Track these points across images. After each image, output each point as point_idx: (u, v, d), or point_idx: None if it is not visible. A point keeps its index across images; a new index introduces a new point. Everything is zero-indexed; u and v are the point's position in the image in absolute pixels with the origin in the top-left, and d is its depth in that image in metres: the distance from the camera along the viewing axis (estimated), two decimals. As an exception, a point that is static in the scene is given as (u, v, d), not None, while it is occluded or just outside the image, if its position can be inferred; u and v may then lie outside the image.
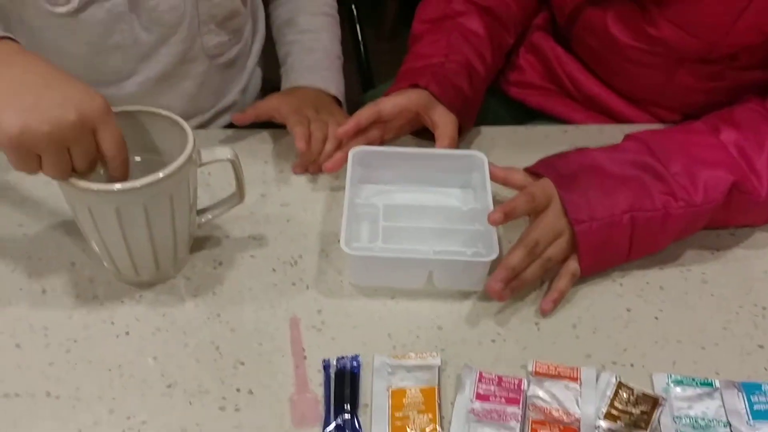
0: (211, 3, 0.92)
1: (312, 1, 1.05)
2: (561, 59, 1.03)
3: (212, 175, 0.86)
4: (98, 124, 0.62)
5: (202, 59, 0.97)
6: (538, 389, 0.66)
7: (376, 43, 1.54)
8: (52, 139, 0.59)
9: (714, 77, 0.92)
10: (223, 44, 0.98)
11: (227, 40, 0.99)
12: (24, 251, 0.77)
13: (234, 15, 0.97)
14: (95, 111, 0.61)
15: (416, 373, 0.66)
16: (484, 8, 0.98)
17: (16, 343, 0.69)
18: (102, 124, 0.62)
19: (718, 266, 0.79)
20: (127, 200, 0.65)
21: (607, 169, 0.76)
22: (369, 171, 0.84)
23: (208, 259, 0.77)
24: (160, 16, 0.88)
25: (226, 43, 0.99)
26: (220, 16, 0.95)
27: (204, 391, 0.65)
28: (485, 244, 0.75)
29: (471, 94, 0.91)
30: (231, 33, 0.99)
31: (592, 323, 0.73)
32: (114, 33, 0.87)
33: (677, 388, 0.66)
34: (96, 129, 0.62)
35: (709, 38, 0.86)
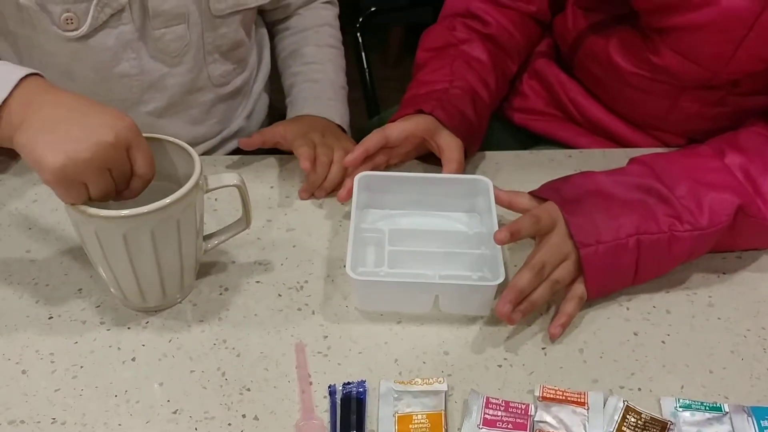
0: (217, 33, 0.94)
1: (317, 33, 1.07)
2: (564, 85, 1.03)
3: (219, 200, 0.87)
4: (132, 142, 0.64)
5: (208, 88, 0.98)
6: (546, 414, 0.65)
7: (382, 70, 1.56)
8: (94, 164, 0.61)
9: (717, 103, 0.93)
10: (229, 73, 1.00)
11: (232, 69, 1.00)
12: (31, 277, 0.78)
13: (238, 45, 0.99)
14: (129, 131, 0.63)
15: (423, 398, 0.66)
16: (487, 36, 0.99)
17: (23, 369, 0.69)
18: (135, 142, 0.64)
19: (724, 289, 0.78)
20: (134, 226, 0.65)
21: (612, 192, 0.76)
22: (375, 196, 0.84)
23: (214, 285, 0.78)
24: (166, 45, 0.90)
25: (231, 72, 1.00)
26: (225, 47, 0.96)
27: (210, 418, 0.65)
28: (491, 269, 0.75)
29: (475, 120, 0.91)
30: (236, 62, 1.00)
31: (599, 347, 0.72)
32: (122, 61, 0.89)
33: (686, 413, 0.66)
34: (130, 148, 0.64)
35: (710, 66, 0.87)
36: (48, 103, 0.64)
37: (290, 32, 1.08)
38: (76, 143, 0.61)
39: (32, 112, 0.62)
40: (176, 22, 0.89)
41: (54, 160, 0.60)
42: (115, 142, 0.62)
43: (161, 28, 0.88)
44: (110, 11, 0.84)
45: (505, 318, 0.70)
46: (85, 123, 0.62)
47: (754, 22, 0.80)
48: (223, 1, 0.92)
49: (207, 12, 0.91)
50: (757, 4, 0.79)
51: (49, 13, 0.82)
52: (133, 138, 0.64)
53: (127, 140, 0.63)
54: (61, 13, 0.82)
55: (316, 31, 1.07)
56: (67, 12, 0.82)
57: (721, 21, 0.81)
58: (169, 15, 0.88)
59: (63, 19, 0.82)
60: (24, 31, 0.86)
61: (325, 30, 1.08)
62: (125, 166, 0.64)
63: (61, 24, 0.83)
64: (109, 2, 0.83)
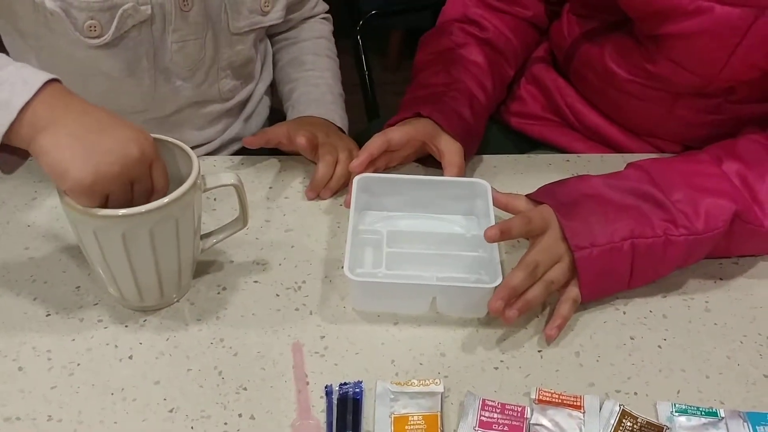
0: (232, 51, 0.96)
1: (316, 44, 1.09)
2: (562, 90, 1.04)
3: (217, 200, 0.87)
4: (154, 158, 0.66)
5: (216, 101, 1.00)
6: (542, 417, 0.65)
7: (382, 74, 1.56)
8: (120, 178, 0.63)
9: (712, 111, 0.93)
10: (236, 88, 1.02)
11: (240, 84, 1.03)
12: (29, 274, 0.78)
13: (249, 61, 1.01)
14: (151, 146, 0.65)
15: (419, 399, 0.66)
16: (484, 41, 1.00)
17: (19, 366, 0.69)
18: (156, 158, 0.66)
19: (721, 295, 0.79)
20: (132, 225, 0.65)
21: (607, 196, 0.76)
22: (373, 197, 0.84)
23: (211, 284, 0.78)
24: (182, 59, 0.91)
25: (239, 86, 1.03)
26: (237, 63, 0.99)
27: (206, 416, 0.65)
28: (488, 271, 0.75)
29: (473, 122, 0.92)
30: (244, 78, 1.03)
31: (596, 351, 0.72)
32: (136, 71, 0.89)
33: (681, 418, 0.66)
34: (152, 163, 0.66)
35: (704, 73, 0.87)
36: (75, 110, 0.64)
37: (289, 42, 1.11)
38: (105, 156, 0.61)
39: (59, 116, 0.62)
40: (194, 37, 0.90)
41: (82, 171, 0.60)
42: (141, 157, 0.63)
43: (179, 42, 0.89)
44: (133, 22, 0.85)
45: (497, 314, 0.71)
46: (112, 136, 0.63)
47: (747, 30, 0.81)
48: (243, 20, 0.94)
49: (226, 30, 0.93)
50: (749, 13, 0.80)
51: (74, 20, 0.83)
52: (155, 154, 0.66)
53: (150, 156, 0.65)
54: (85, 20, 0.83)
55: (314, 42, 1.10)
56: (91, 20, 0.83)
57: (714, 29, 0.82)
58: (189, 30, 0.89)
59: (87, 26, 0.83)
60: (37, 33, 0.86)
61: (322, 42, 1.11)
62: (147, 181, 0.66)
63: (84, 31, 0.83)
64: (133, 13, 0.84)
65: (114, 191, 0.63)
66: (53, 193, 0.64)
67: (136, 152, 0.63)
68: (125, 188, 0.64)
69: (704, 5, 0.81)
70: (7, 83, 0.62)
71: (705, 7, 0.81)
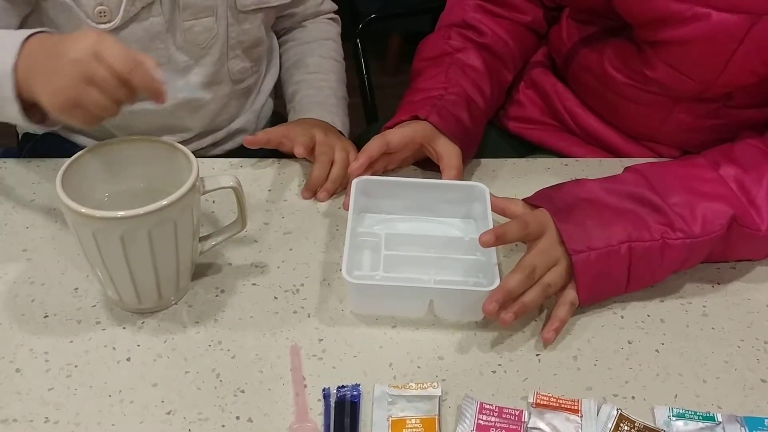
0: (241, 28, 0.97)
1: (322, 45, 1.09)
2: (561, 95, 1.04)
3: (216, 202, 0.87)
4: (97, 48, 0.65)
5: (226, 83, 1.01)
6: (539, 421, 0.65)
7: (380, 78, 1.56)
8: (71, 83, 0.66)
9: (710, 116, 0.93)
10: (246, 70, 1.03)
11: (249, 67, 1.03)
12: (27, 276, 0.78)
13: (258, 43, 1.02)
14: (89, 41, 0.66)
15: (417, 403, 0.66)
16: (482, 45, 1.00)
17: (17, 368, 0.69)
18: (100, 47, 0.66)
19: (719, 299, 0.79)
20: (131, 227, 0.65)
21: (604, 200, 0.76)
22: (371, 200, 0.84)
23: (210, 287, 0.78)
24: (194, 36, 0.92)
25: (248, 69, 1.03)
26: (247, 43, 0.99)
27: (204, 419, 0.65)
28: (486, 275, 0.75)
29: (471, 125, 0.92)
30: (253, 61, 1.03)
31: (593, 355, 0.72)
32: (149, 51, 0.90)
33: (679, 422, 0.66)
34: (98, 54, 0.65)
35: (702, 79, 0.88)
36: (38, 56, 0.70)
37: (295, 43, 1.11)
38: (52, 75, 0.67)
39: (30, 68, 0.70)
40: (205, 15, 0.92)
41: (44, 94, 0.68)
42: (78, 57, 0.65)
43: (190, 20, 0.91)
44: (141, 4, 0.86)
45: (491, 316, 0.71)
46: (56, 57, 0.67)
47: (744, 36, 0.81)
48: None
49: (233, 6, 0.94)
50: (746, 20, 0.80)
51: (83, 6, 0.85)
52: (96, 44, 0.66)
53: (89, 49, 0.65)
54: (94, 6, 0.85)
55: (321, 43, 1.10)
56: (100, 5, 0.85)
57: (712, 35, 0.82)
58: (199, 7, 0.91)
59: (96, 12, 0.85)
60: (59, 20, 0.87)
61: (328, 44, 1.11)
62: (100, 72, 0.65)
63: (95, 17, 0.85)
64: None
65: (79, 98, 0.66)
66: (52, 194, 0.64)
67: (72, 55, 0.66)
68: (87, 90, 0.66)
69: (701, 12, 0.81)
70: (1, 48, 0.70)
71: (702, 13, 0.81)
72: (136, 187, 0.74)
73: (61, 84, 0.66)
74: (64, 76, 0.66)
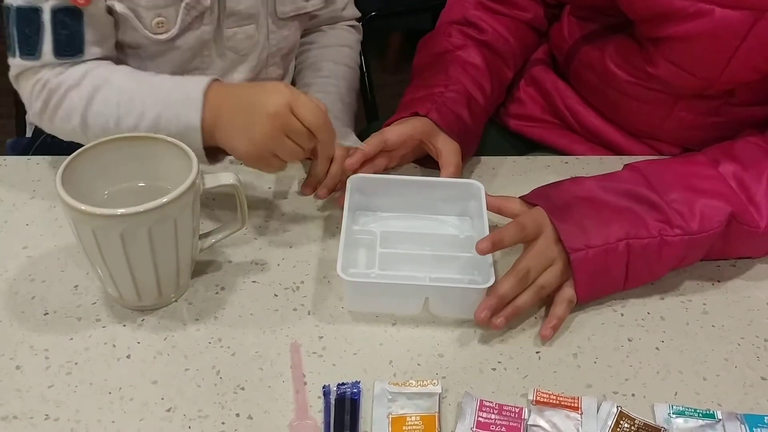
0: (280, 35, 0.98)
1: (338, 51, 1.09)
2: (561, 92, 1.04)
3: (216, 200, 0.87)
4: (291, 102, 0.74)
5: None
6: (539, 418, 0.65)
7: (381, 76, 1.56)
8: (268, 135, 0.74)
9: (711, 113, 0.93)
10: (278, 78, 1.04)
11: (281, 75, 1.05)
12: (27, 273, 0.78)
13: (292, 50, 1.04)
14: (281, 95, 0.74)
15: (417, 400, 0.66)
16: (482, 42, 1.00)
17: (17, 365, 0.69)
18: (293, 101, 0.74)
19: (719, 297, 0.79)
20: (131, 225, 0.65)
21: (601, 198, 0.76)
22: (367, 198, 0.84)
23: (210, 284, 0.78)
24: (236, 44, 0.94)
25: (280, 78, 1.05)
26: (285, 49, 1.01)
27: (204, 416, 0.65)
28: (481, 272, 0.75)
29: (471, 123, 0.92)
30: (284, 68, 1.05)
31: (593, 353, 0.72)
32: (198, 58, 0.93)
33: (679, 419, 0.66)
34: (292, 107, 0.74)
35: (704, 75, 0.87)
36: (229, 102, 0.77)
37: (312, 47, 1.11)
38: (249, 129, 0.75)
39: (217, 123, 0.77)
40: (247, 22, 0.93)
41: (241, 145, 0.76)
42: (277, 110, 0.73)
43: (233, 27, 0.92)
44: (195, 13, 0.88)
45: (483, 324, 0.71)
46: (251, 111, 0.75)
47: (747, 33, 0.81)
48: (288, 4, 0.97)
49: (273, 14, 0.96)
50: (750, 16, 0.80)
51: (142, 19, 0.85)
52: (290, 98, 0.74)
53: (285, 104, 0.73)
54: (152, 18, 0.86)
55: (337, 49, 1.10)
56: (159, 17, 0.86)
57: (714, 32, 0.82)
58: (243, 15, 0.92)
59: (155, 23, 0.86)
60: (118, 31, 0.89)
61: (344, 50, 1.10)
62: (296, 124, 0.74)
63: (153, 28, 0.86)
64: (195, 5, 0.87)
65: (275, 149, 0.75)
66: (52, 191, 0.64)
67: (269, 109, 0.73)
68: (282, 141, 0.74)
69: (704, 8, 0.81)
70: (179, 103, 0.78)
71: (705, 9, 0.81)
72: (136, 185, 0.74)
73: (260, 136, 0.74)
74: (262, 129, 0.74)
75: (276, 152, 0.75)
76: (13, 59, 0.83)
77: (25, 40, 0.81)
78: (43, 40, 0.81)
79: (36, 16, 0.80)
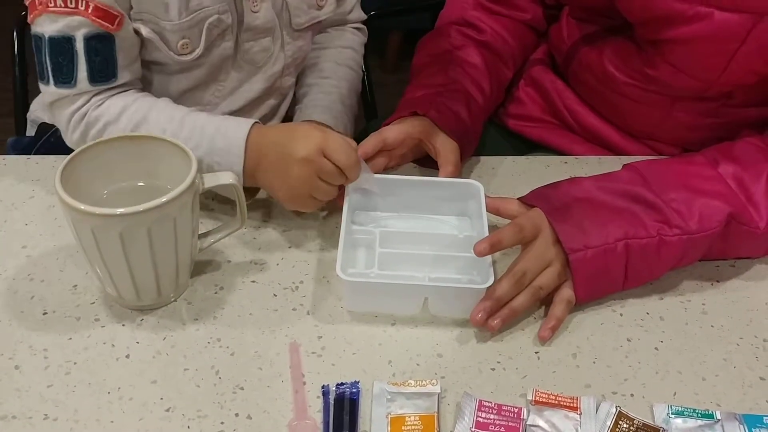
0: (295, 46, 0.99)
1: (340, 53, 1.09)
2: (560, 92, 1.04)
3: (215, 200, 0.87)
4: (322, 146, 0.76)
5: (275, 97, 1.03)
6: (538, 418, 0.65)
7: (380, 75, 1.56)
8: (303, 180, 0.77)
9: (710, 114, 0.93)
10: (291, 86, 1.05)
11: (293, 84, 1.05)
12: (26, 273, 0.78)
13: (306, 59, 1.04)
14: (313, 141, 0.76)
15: (416, 400, 0.66)
16: (481, 43, 1.00)
17: (16, 364, 0.69)
18: (324, 144, 0.76)
19: (718, 297, 0.79)
20: (131, 224, 0.65)
21: (599, 199, 0.76)
22: (366, 198, 0.84)
23: (209, 284, 0.78)
24: (253, 57, 0.94)
25: (292, 85, 1.05)
26: (299, 59, 1.02)
27: (203, 416, 0.65)
28: (480, 272, 0.75)
29: (470, 122, 0.92)
30: (295, 76, 1.05)
31: (592, 353, 0.72)
32: (218, 72, 0.93)
33: (678, 419, 0.66)
34: (324, 150, 0.76)
35: (703, 78, 0.88)
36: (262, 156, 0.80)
37: (316, 47, 1.11)
38: (284, 174, 0.78)
39: (256, 167, 0.80)
40: (264, 36, 0.93)
41: (279, 191, 0.81)
42: (307, 155, 0.76)
43: (250, 41, 0.93)
44: (217, 32, 0.88)
45: (478, 325, 0.71)
46: (285, 157, 0.77)
47: (746, 36, 0.81)
48: (303, 16, 0.97)
49: (288, 26, 0.96)
50: (749, 19, 0.80)
51: (167, 42, 0.86)
52: (321, 143, 0.76)
53: (316, 149, 0.76)
54: (177, 40, 0.86)
55: (339, 51, 1.09)
56: (184, 38, 0.86)
57: (713, 34, 0.82)
58: (260, 29, 0.92)
59: (180, 45, 0.86)
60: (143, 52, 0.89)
61: (347, 52, 1.10)
62: (328, 167, 0.76)
63: (178, 50, 0.87)
64: (217, 24, 0.87)
65: (311, 191, 0.78)
66: (51, 191, 0.64)
67: (302, 154, 0.76)
68: (317, 184, 0.77)
69: (703, 11, 0.81)
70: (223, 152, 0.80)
71: (704, 13, 0.81)
72: (136, 184, 0.74)
73: (295, 181, 0.77)
74: (297, 174, 0.77)
75: (312, 194, 0.79)
76: (47, 87, 0.84)
77: (60, 69, 0.82)
78: (78, 68, 0.81)
79: (69, 45, 0.80)
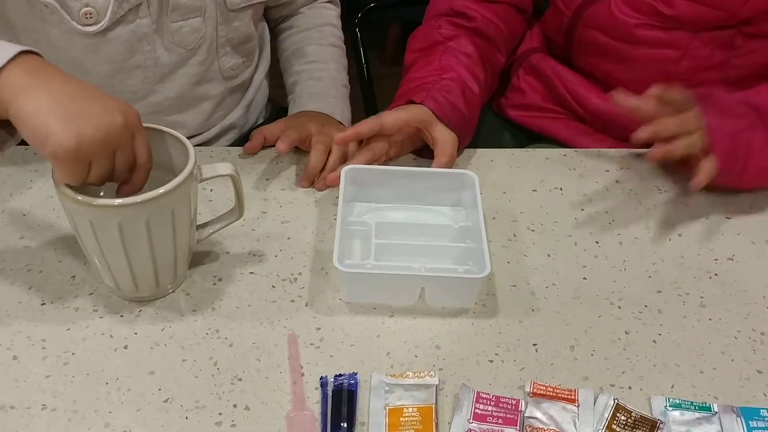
0: (230, 27, 0.95)
1: (320, 33, 1.08)
2: (561, 76, 1.03)
3: (213, 191, 0.87)
4: (137, 130, 0.64)
5: (218, 80, 1.00)
6: (536, 410, 0.66)
7: (379, 68, 1.56)
8: (105, 144, 0.61)
9: (727, 45, 0.92)
10: (238, 66, 1.01)
11: (241, 63, 1.02)
12: (24, 263, 0.78)
13: (248, 39, 1.00)
14: (135, 117, 0.64)
15: (414, 391, 0.66)
16: (472, 30, 0.99)
17: (14, 355, 0.69)
18: (139, 131, 0.65)
19: (716, 290, 0.79)
20: (129, 215, 0.65)
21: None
22: (361, 189, 0.84)
23: (207, 275, 0.78)
24: (182, 37, 0.91)
25: (241, 65, 1.02)
26: (236, 40, 0.98)
27: (201, 407, 0.65)
28: (476, 262, 0.76)
29: (466, 112, 0.91)
30: (245, 56, 1.02)
31: (591, 345, 0.73)
32: (136, 53, 0.89)
33: (675, 412, 0.66)
34: (134, 135, 0.64)
35: (728, 7, 0.88)
36: (57, 76, 0.62)
37: (293, 31, 1.09)
38: (89, 120, 0.59)
39: (40, 80, 0.60)
40: (193, 15, 0.90)
41: (65, 135, 0.58)
42: (126, 125, 0.62)
43: (178, 21, 0.89)
44: (128, 6, 0.84)
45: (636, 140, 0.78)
46: (95, 103, 0.61)
47: None
48: None
49: (223, 6, 0.93)
50: None
51: (68, 8, 0.82)
52: (139, 126, 0.64)
53: (134, 126, 0.63)
54: (80, 8, 0.82)
55: (319, 30, 1.08)
56: (87, 7, 0.82)
57: None
58: (187, 8, 0.89)
59: (82, 13, 0.82)
60: (30, 25, 0.85)
61: (327, 29, 1.09)
62: (129, 151, 0.64)
63: (80, 19, 0.83)
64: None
65: (97, 159, 0.61)
66: (49, 182, 0.63)
67: (120, 119, 0.61)
68: (108, 156, 0.62)
69: None
70: None
71: None
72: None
73: (91, 133, 0.59)
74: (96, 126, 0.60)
75: (94, 162, 0.61)
76: None
77: None
78: None
79: None
